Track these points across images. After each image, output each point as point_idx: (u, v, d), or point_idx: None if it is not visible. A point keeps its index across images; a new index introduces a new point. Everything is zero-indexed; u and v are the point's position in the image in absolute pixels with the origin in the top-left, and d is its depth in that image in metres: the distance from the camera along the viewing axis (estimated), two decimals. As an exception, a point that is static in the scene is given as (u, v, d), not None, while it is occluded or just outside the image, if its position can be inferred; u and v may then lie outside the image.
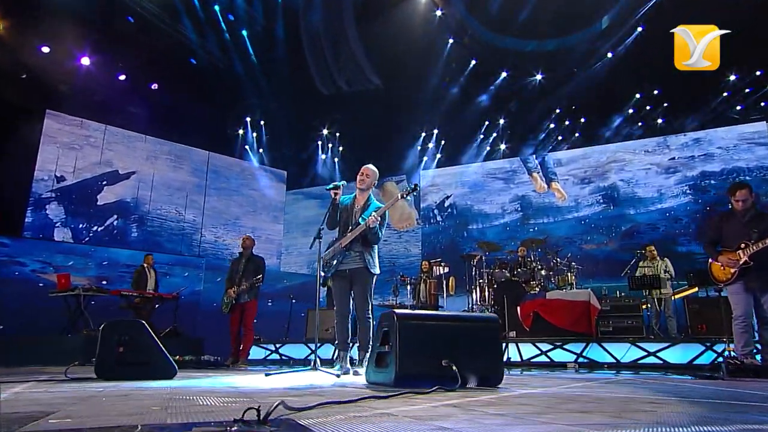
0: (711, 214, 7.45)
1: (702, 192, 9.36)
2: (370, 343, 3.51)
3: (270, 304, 9.06)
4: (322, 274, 3.72)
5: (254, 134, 11.25)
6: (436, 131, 11.25)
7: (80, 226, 9.29)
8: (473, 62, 9.85)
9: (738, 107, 9.06)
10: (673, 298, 7.05)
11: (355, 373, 3.46)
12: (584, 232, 9.98)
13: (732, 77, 8.82)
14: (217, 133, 10.75)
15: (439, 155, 11.52)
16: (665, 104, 9.49)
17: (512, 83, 9.93)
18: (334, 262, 3.67)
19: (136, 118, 9.76)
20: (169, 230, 10.22)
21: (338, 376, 3.28)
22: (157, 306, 7.35)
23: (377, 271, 3.68)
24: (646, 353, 5.46)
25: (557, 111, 10.30)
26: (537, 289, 7.03)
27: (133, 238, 9.81)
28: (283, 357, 7.11)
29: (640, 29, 8.53)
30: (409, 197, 3.64)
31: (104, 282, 8.60)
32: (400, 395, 2.04)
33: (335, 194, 3.73)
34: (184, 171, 10.66)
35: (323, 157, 11.82)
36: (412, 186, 3.61)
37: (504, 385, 2.62)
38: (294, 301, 8.74)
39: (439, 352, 2.46)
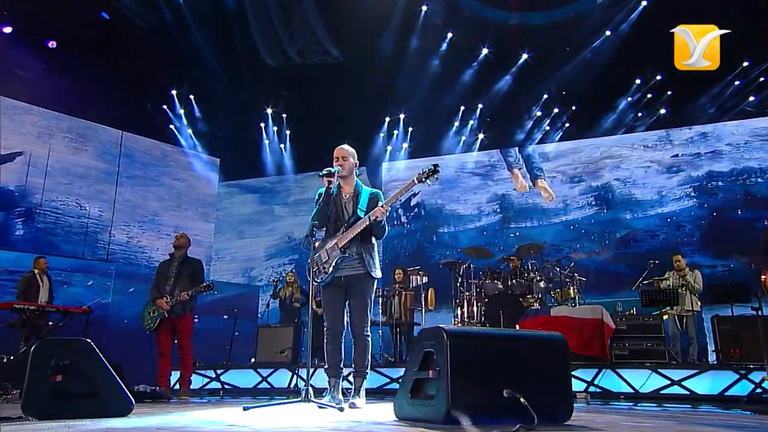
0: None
1: (708, 195, 9.34)
2: (369, 367, 3.53)
3: (196, 320, 8.43)
4: (316, 281, 3.57)
5: (181, 111, 10.68)
6: (402, 116, 10.91)
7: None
8: (449, 35, 9.50)
9: (751, 98, 9.02)
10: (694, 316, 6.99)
11: (352, 406, 3.33)
12: (573, 239, 9.88)
13: (745, 63, 8.74)
14: (133, 107, 10.12)
15: (405, 145, 11.28)
16: (669, 92, 9.35)
17: (494, 62, 9.66)
18: (329, 268, 3.53)
19: (26, 83, 8.96)
20: (67, 228, 9.51)
21: (341, 409, 3.13)
22: (60, 324, 6.68)
23: (379, 274, 3.61)
24: (669, 382, 5.35)
25: (545, 96, 10.09)
26: (535, 303, 6.98)
27: (19, 236, 9.08)
28: (226, 386, 6.93)
29: (644, 3, 8.36)
30: (428, 181, 3.41)
31: (-25, 293, 7.85)
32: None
33: (329, 183, 3.54)
34: (88, 153, 9.96)
35: (267, 142, 11.39)
36: (431, 167, 3.40)
37: (572, 421, 2.47)
38: (226, 317, 8.39)
39: (498, 379, 2.31)
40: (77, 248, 9.54)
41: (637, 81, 9.49)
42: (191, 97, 10.56)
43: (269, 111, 10.99)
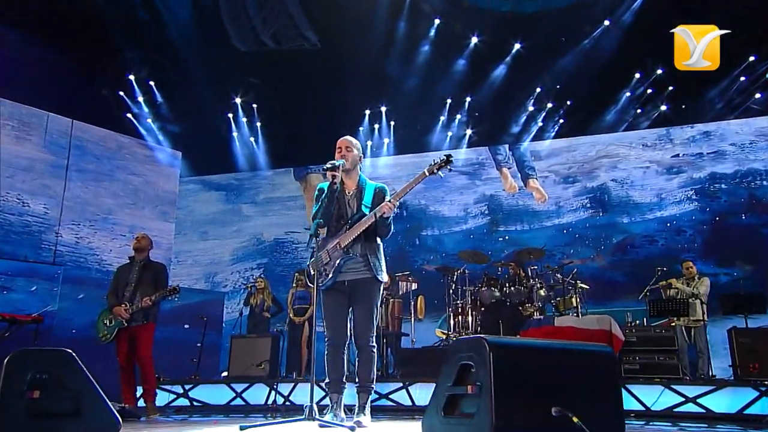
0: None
1: (710, 198, 9.33)
2: (374, 381, 3.49)
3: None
4: (320, 285, 3.51)
5: (141, 98, 10.35)
6: (384, 109, 10.71)
7: None
8: (437, 21, 9.33)
9: (757, 95, 8.98)
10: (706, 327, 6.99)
11: (358, 425, 3.24)
12: (566, 244, 9.80)
13: (751, 58, 8.67)
14: (85, 93, 9.77)
15: (387, 140, 11.09)
16: (670, 87, 9.27)
17: (484, 52, 9.52)
18: (330, 271, 3.47)
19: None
20: (6, 226, 9.05)
21: (352, 429, 3.05)
22: (6, 334, 6.28)
23: (386, 278, 3.59)
24: (682, 399, 5.28)
25: (538, 90, 9.95)
26: (535, 313, 6.98)
27: (-51, 236, 8.66)
28: (195, 403, 6.78)
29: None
30: (440, 172, 3.39)
31: None
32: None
33: (333, 177, 3.46)
34: (33, 144, 9.49)
35: (235, 134, 11.13)
36: (444, 157, 3.38)
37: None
38: (187, 326, 8.49)
39: (545, 395, 2.27)
40: (18, 249, 9.13)
41: (637, 75, 9.40)
42: (151, 82, 10.23)
43: (238, 100, 10.70)
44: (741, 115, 9.22)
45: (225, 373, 7.38)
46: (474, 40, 9.39)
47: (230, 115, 10.93)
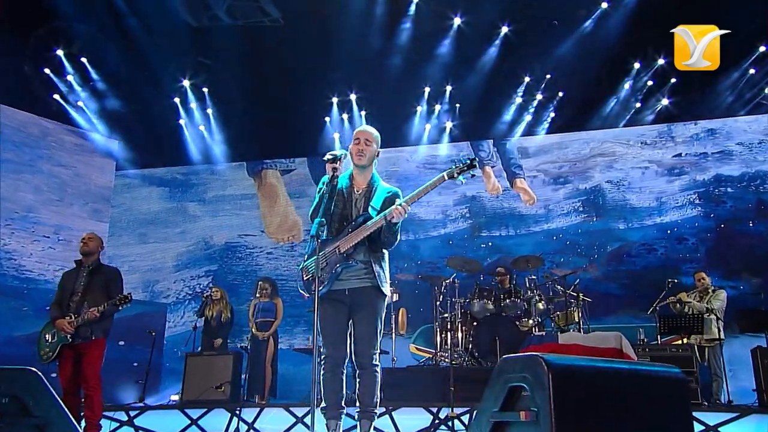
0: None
1: (715, 203, 9.25)
2: (378, 405, 3.46)
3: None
4: (306, 294, 3.54)
5: (71, 77, 9.99)
6: (353, 96, 10.46)
7: None
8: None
9: None
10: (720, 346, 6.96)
11: None
12: (556, 252, 9.67)
13: (762, 48, 8.57)
14: (3, 70, 9.39)
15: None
16: (673, 79, 9.17)
17: (468, 35, 9.31)
18: (326, 278, 3.42)
19: None
20: None
21: None
22: None
23: (388, 291, 3.55)
24: (703, 427, 5.19)
25: (527, 79, 9.81)
26: (534, 328, 7.04)
27: None
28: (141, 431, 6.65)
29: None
30: (461, 177, 3.35)
31: None
32: None
33: (334, 170, 3.42)
34: None
35: (182, 122, 10.74)
36: (468, 161, 3.34)
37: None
38: (122, 343, 8.55)
39: (612, 424, 2.26)
40: None
41: (637, 65, 9.28)
42: (84, 59, 9.83)
43: (187, 83, 10.36)
44: (750, 111, 9.19)
45: (175, 397, 7.30)
46: (457, 21, 9.16)
47: (177, 100, 10.60)
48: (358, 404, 3.47)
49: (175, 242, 11.05)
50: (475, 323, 7.21)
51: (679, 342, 6.81)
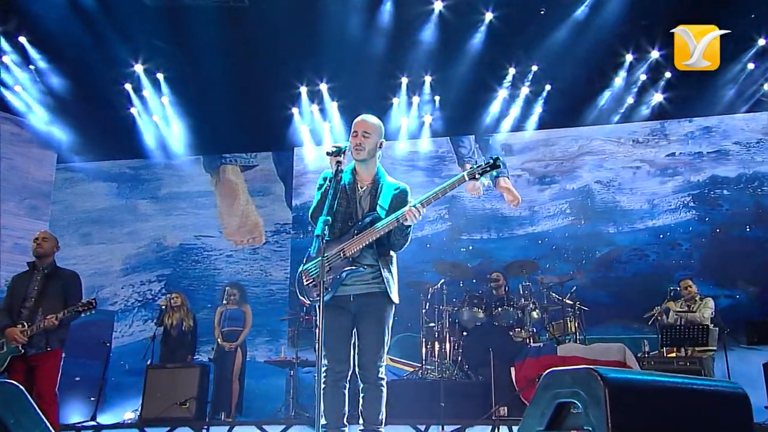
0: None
1: (710, 206, 9.21)
2: (384, 423, 3.47)
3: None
4: (309, 300, 3.51)
5: (5, 58, 9.58)
6: (325, 86, 10.21)
7: None
8: None
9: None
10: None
11: None
12: (541, 257, 9.52)
13: (762, 41, 8.46)
14: None
15: (326, 124, 10.65)
16: (668, 74, 9.07)
17: (449, 22, 9.07)
18: (328, 284, 3.36)
19: None
20: None
21: None
22: None
23: (397, 298, 3.50)
24: None
25: (512, 70, 9.64)
26: (528, 339, 7.06)
27: None
28: None
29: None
30: (483, 179, 3.37)
31: None
32: None
33: (338, 164, 3.36)
34: None
35: (134, 110, 10.38)
36: (491, 160, 3.37)
37: None
38: (63, 356, 7.84)
39: None
40: None
41: (629, 57, 9.14)
42: (22, 38, 9.38)
43: (139, 68, 9.92)
44: (748, 108, 9.16)
45: (131, 415, 7.34)
46: (438, 6, 8.94)
47: (128, 86, 10.20)
48: (361, 422, 3.43)
49: (124, 243, 10.82)
50: (464, 333, 7.19)
51: (682, 354, 6.85)
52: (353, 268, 3.37)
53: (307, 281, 3.45)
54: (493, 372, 6.16)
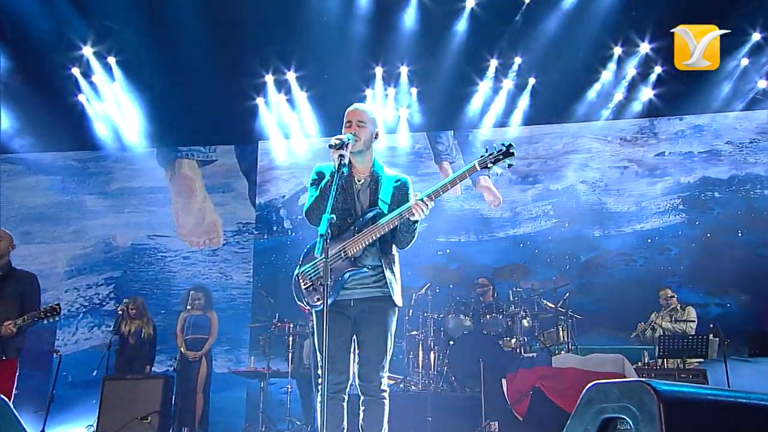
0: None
1: (701, 209, 9.12)
2: None
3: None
4: (310, 305, 3.41)
5: None
6: (293, 75, 9.94)
7: None
8: None
9: (766, 81, 8.76)
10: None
11: None
12: (522, 261, 9.30)
13: (756, 35, 8.37)
14: None
15: (296, 116, 10.45)
16: (660, 68, 8.98)
17: (428, 8, 8.97)
18: (329, 285, 3.19)
19: None
20: None
21: None
22: None
23: (401, 301, 3.45)
24: None
25: (495, 61, 9.50)
26: (519, 349, 7.06)
27: None
28: None
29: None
30: (497, 167, 3.27)
31: None
32: None
33: (341, 158, 3.22)
34: None
35: (82, 97, 10.07)
36: (503, 147, 3.30)
37: None
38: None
39: None
40: None
41: (618, 50, 9.04)
42: None
43: (88, 50, 9.60)
44: (740, 106, 9.09)
45: (82, 431, 7.29)
46: None
47: (75, 70, 9.86)
48: None
49: (68, 243, 10.49)
50: (451, 342, 7.11)
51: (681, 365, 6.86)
52: (356, 269, 3.33)
53: (305, 285, 3.40)
54: (483, 385, 6.11)
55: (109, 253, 10.32)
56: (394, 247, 3.50)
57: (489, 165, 3.27)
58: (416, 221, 3.31)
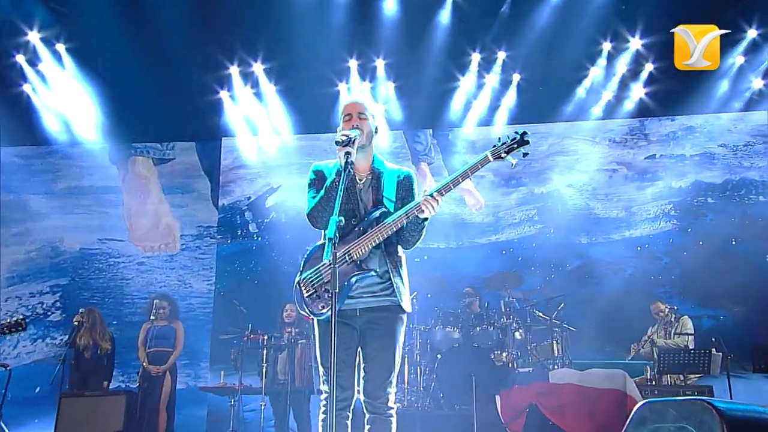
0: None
1: (693, 216, 9.17)
2: None
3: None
4: (311, 313, 3.34)
5: None
6: (261, 67, 9.79)
7: None
8: None
9: (761, 81, 8.76)
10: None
11: None
12: (505, 269, 9.46)
13: (752, 32, 8.34)
14: None
15: (262, 109, 10.32)
16: (653, 65, 8.95)
17: None
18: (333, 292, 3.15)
19: None
20: None
21: None
22: None
23: (410, 307, 3.42)
24: None
25: (478, 54, 9.42)
26: (512, 363, 7.09)
27: None
28: None
29: None
30: (511, 157, 3.20)
31: None
32: None
33: (347, 155, 3.13)
34: None
35: (29, 86, 9.80)
36: (517, 135, 3.24)
37: None
38: None
39: None
40: None
41: (609, 43, 8.97)
42: None
43: (35, 36, 9.31)
44: (737, 107, 9.12)
45: None
46: None
47: (20, 58, 9.57)
48: None
49: (10, 247, 10.25)
50: (439, 356, 7.10)
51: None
52: (362, 272, 3.27)
53: (307, 292, 3.32)
54: (475, 402, 6.08)
55: (56, 259, 10.12)
56: (399, 248, 3.44)
57: (502, 155, 3.22)
58: (425, 219, 3.26)
